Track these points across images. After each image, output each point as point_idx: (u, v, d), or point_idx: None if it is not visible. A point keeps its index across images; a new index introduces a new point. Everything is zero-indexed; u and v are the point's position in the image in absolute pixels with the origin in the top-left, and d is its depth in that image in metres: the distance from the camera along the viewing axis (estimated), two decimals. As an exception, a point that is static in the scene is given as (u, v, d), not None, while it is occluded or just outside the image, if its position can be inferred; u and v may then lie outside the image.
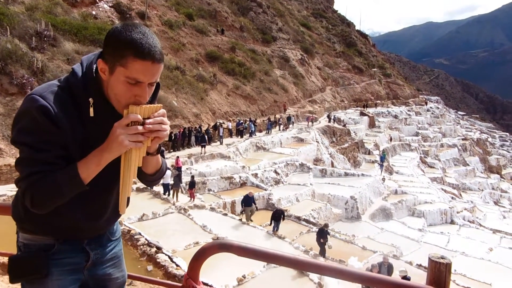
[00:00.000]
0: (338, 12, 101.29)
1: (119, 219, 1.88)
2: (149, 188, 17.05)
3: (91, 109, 1.44)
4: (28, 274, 1.56)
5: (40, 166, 1.37)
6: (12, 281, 1.57)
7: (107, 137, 1.41)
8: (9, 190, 13.63)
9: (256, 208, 17.54)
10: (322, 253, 14.74)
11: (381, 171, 35.09)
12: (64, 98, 1.42)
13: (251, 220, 16.49)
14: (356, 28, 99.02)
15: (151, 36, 1.40)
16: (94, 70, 1.47)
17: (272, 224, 16.03)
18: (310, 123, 38.01)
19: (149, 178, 1.69)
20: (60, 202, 1.42)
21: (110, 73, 1.40)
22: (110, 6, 31.84)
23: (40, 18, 22.40)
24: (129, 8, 33.05)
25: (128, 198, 1.60)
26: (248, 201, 17.05)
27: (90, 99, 1.44)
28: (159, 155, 1.63)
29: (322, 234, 15.06)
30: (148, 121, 1.42)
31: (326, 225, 15.92)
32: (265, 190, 20.98)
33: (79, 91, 1.45)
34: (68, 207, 1.51)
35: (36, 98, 1.37)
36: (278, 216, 16.18)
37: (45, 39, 21.41)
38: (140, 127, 1.40)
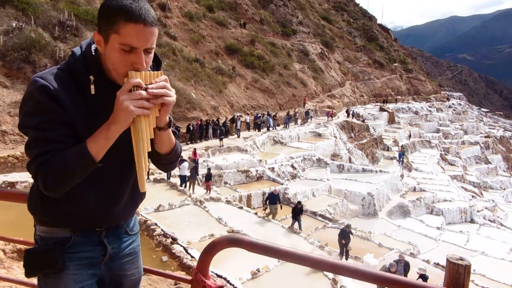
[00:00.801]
0: (359, 5, 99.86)
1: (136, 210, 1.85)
2: (165, 179, 17.21)
3: (92, 87, 1.44)
4: (43, 268, 1.54)
5: (48, 145, 1.36)
6: (27, 274, 1.55)
7: (110, 115, 1.39)
8: (30, 177, 13.90)
9: (281, 207, 17.08)
10: (344, 254, 14.31)
11: (401, 168, 34.61)
12: (64, 78, 1.43)
13: (273, 219, 16.14)
14: (378, 22, 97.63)
15: (142, 1, 1.39)
16: (93, 50, 1.48)
17: (292, 221, 15.68)
18: (329, 118, 37.74)
19: (164, 160, 1.64)
20: (72, 181, 1.39)
21: (106, 43, 1.40)
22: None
23: (63, 8, 22.76)
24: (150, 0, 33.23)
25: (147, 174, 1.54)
26: (273, 199, 16.68)
27: (91, 77, 1.44)
28: (171, 132, 1.59)
29: (344, 234, 14.51)
30: (150, 86, 1.40)
31: (348, 226, 15.25)
32: (282, 184, 20.93)
33: (79, 70, 1.45)
34: (83, 191, 1.50)
35: (36, 79, 1.39)
36: (297, 212, 15.79)
37: (68, 28, 21.74)
38: (143, 92, 1.37)
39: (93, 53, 1.48)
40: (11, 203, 2.31)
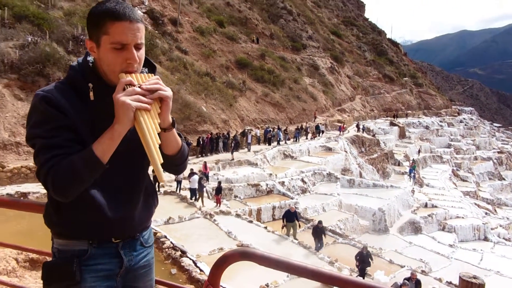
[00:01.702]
0: (369, 20, 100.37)
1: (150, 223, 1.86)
2: (176, 191, 17.25)
3: (91, 93, 1.51)
4: (61, 280, 1.56)
5: (55, 150, 1.40)
6: (45, 287, 1.58)
7: (113, 120, 1.44)
8: (42, 188, 14.07)
9: (299, 225, 16.42)
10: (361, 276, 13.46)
11: (412, 183, 34.26)
12: (64, 89, 1.51)
13: (296, 239, 15.43)
14: (388, 36, 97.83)
15: (125, 3, 1.49)
16: (90, 62, 1.57)
17: (315, 243, 15.16)
18: (341, 133, 37.70)
19: (172, 162, 1.64)
20: (81, 184, 1.41)
21: (98, 47, 1.48)
22: (143, 12, 32.64)
23: (77, 23, 23.23)
24: (161, 15, 33.78)
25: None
26: (290, 217, 16.05)
27: (90, 84, 1.52)
28: (176, 133, 1.62)
29: (362, 258, 13.80)
30: (143, 83, 1.47)
31: (365, 248, 14.45)
32: (292, 198, 20.83)
33: (78, 80, 1.54)
34: (97, 199, 1.53)
35: (38, 93, 1.48)
36: (319, 231, 15.23)
37: (81, 43, 22.16)
38: (137, 88, 1.43)
39: (90, 64, 1.57)
40: (23, 213, 2.35)
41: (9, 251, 4.63)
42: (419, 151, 46.28)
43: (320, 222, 16.20)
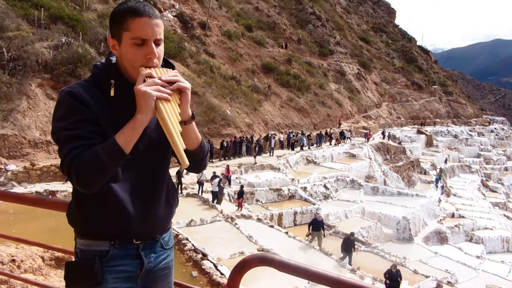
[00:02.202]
0: (399, 26, 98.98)
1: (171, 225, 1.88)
2: (198, 194, 17.38)
3: (112, 90, 1.56)
4: (83, 281, 1.58)
5: (79, 141, 1.44)
6: (68, 286, 1.61)
7: (134, 115, 1.48)
8: (70, 187, 14.43)
9: (324, 234, 16.07)
10: None
11: (439, 191, 33.55)
12: (88, 86, 1.57)
13: (320, 248, 14.91)
14: (418, 43, 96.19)
15: (145, 2, 1.58)
16: (113, 61, 1.63)
17: (343, 255, 14.51)
18: (366, 140, 37.26)
19: (192, 157, 1.65)
20: (104, 175, 1.44)
21: (119, 44, 1.55)
22: (173, 16, 33.18)
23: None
24: (191, 18, 34.22)
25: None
26: (316, 225, 15.74)
27: (112, 81, 1.57)
28: (195, 127, 1.65)
29: (391, 276, 13.00)
30: (162, 76, 1.53)
31: (394, 266, 13.35)
32: (314, 204, 20.67)
33: (102, 77, 1.59)
34: (120, 195, 1.56)
35: (63, 89, 1.54)
36: (349, 244, 14.45)
37: (113, 44, 22.70)
38: (157, 80, 1.49)
39: (113, 61, 1.63)
40: (50, 211, 2.41)
41: (36, 249, 4.73)
42: (446, 160, 45.17)
43: (352, 234, 15.53)
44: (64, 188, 14.41)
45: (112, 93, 1.56)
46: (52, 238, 9.45)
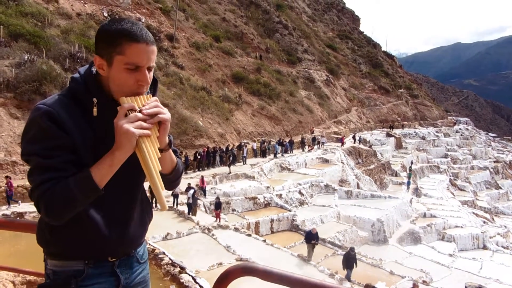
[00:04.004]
0: (364, 33, 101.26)
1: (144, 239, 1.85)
2: (173, 207, 17.15)
3: (95, 109, 1.47)
4: None
5: (51, 173, 1.36)
6: None
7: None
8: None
9: (314, 245, 15.58)
10: None
11: (408, 190, 34.57)
12: (67, 103, 1.46)
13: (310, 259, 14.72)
14: (383, 49, 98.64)
15: (139, 24, 1.47)
16: (93, 73, 1.53)
17: (347, 272, 14.16)
18: (342, 144, 37.95)
19: (166, 179, 1.63)
20: (75, 208, 1.38)
21: (109, 66, 1.45)
22: (140, 29, 32.80)
23: (73, 41, 23.32)
24: (158, 31, 33.99)
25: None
26: (309, 238, 15.56)
27: (94, 99, 1.48)
28: (172, 152, 1.62)
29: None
30: (143, 107, 1.45)
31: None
32: (289, 211, 20.76)
33: (82, 94, 1.49)
34: (93, 217, 1.51)
35: (39, 106, 1.42)
36: (350, 260, 14.04)
37: (78, 60, 22.21)
38: (139, 114, 1.41)
39: (93, 73, 1.53)
40: (20, 234, 2.33)
41: (6, 274, 4.53)
42: (411, 162, 44.89)
43: (352, 249, 14.98)
44: (33, 209, 13.89)
45: (95, 113, 1.47)
46: (22, 261, 9.09)
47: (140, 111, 1.43)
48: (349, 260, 14.07)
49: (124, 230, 1.62)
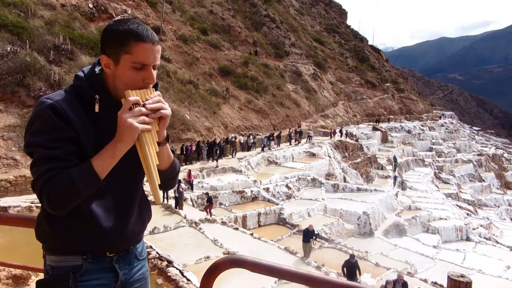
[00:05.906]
0: (351, 27, 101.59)
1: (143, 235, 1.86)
2: (162, 202, 17.08)
3: (97, 106, 1.52)
4: None
5: (54, 163, 1.40)
6: None
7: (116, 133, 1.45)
8: (23, 201, 13.79)
9: (314, 243, 15.41)
10: None
11: (394, 182, 35.07)
12: (70, 99, 1.51)
13: (307, 257, 14.50)
14: (369, 43, 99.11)
15: (144, 25, 1.55)
16: (97, 72, 1.58)
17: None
18: (332, 137, 38.37)
19: (163, 176, 1.63)
20: (77, 199, 1.41)
21: (116, 64, 1.51)
22: (125, 21, 32.39)
23: (58, 32, 22.92)
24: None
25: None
26: (308, 236, 15.03)
27: (97, 96, 1.53)
28: (169, 148, 1.66)
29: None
30: (147, 102, 1.49)
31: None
32: (277, 204, 20.85)
33: (85, 90, 1.54)
34: (93, 211, 1.52)
35: (44, 100, 1.47)
36: (352, 268, 12.95)
37: (63, 52, 21.88)
38: (143, 108, 1.46)
39: (97, 73, 1.57)
40: (4, 227, 2.31)
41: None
42: (394, 157, 44.21)
43: (352, 256, 13.73)
44: (17, 203, 13.71)
45: (97, 109, 1.52)
46: (6, 256, 8.98)
47: (143, 105, 1.47)
48: (351, 269, 12.92)
49: (124, 225, 1.64)
